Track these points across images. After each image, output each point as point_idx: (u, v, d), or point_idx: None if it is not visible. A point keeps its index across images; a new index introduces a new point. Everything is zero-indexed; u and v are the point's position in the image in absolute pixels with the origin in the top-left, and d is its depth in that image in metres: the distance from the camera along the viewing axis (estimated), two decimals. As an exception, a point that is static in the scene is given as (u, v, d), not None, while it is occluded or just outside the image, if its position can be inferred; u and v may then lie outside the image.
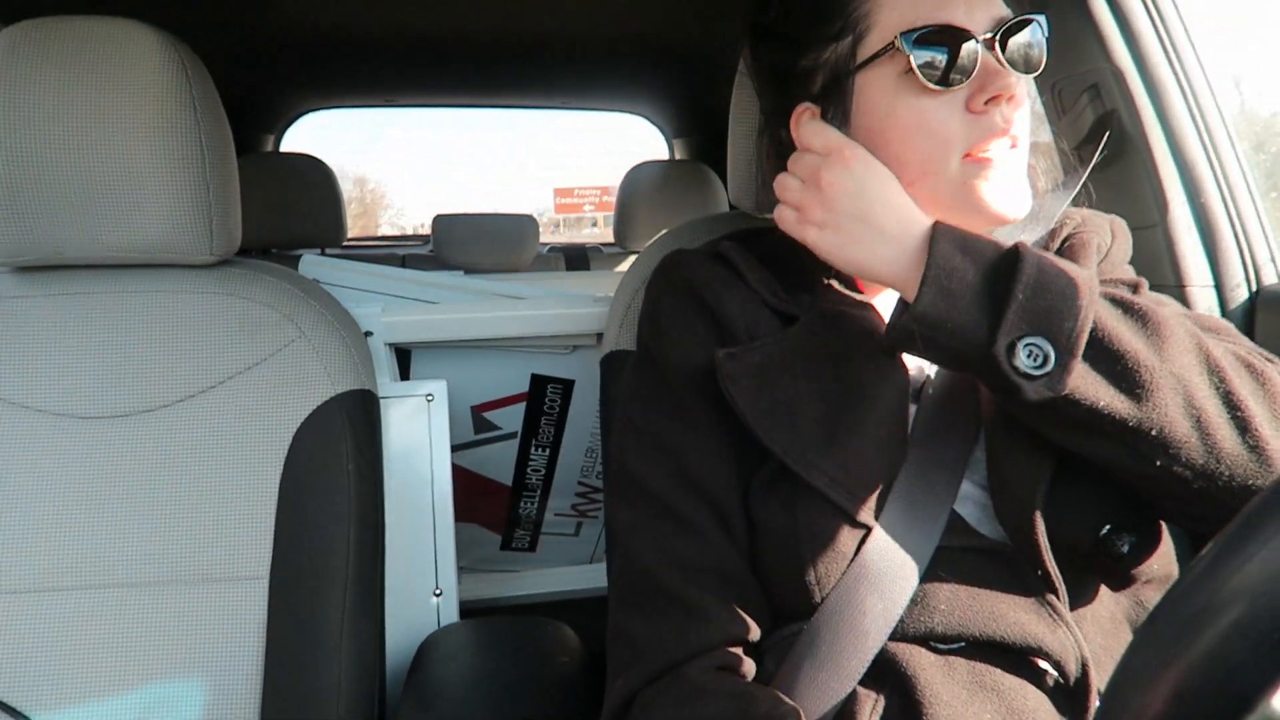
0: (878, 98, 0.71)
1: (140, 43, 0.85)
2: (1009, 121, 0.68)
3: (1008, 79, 0.67)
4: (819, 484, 0.66)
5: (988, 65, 0.68)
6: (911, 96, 0.69)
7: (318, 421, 0.90)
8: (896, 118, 0.70)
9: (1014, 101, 0.68)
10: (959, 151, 0.69)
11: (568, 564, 1.61)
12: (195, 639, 0.87)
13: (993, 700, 0.63)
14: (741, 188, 0.93)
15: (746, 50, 0.85)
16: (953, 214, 0.72)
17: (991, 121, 0.68)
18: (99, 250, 0.87)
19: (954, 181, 0.70)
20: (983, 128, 0.68)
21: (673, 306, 0.77)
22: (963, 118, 0.69)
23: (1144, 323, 0.62)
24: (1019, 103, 0.69)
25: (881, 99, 0.71)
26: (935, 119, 0.69)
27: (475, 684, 0.95)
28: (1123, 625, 0.70)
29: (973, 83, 0.68)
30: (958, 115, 0.69)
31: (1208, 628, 0.30)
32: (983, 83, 0.68)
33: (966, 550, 0.67)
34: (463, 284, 1.38)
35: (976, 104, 0.68)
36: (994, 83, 0.67)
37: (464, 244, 2.40)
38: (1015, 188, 0.70)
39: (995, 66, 0.68)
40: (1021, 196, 0.71)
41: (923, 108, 0.69)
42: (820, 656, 0.65)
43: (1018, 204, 0.71)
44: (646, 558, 0.70)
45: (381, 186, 11.75)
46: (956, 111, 0.69)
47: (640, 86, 2.58)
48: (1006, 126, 0.68)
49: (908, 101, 0.69)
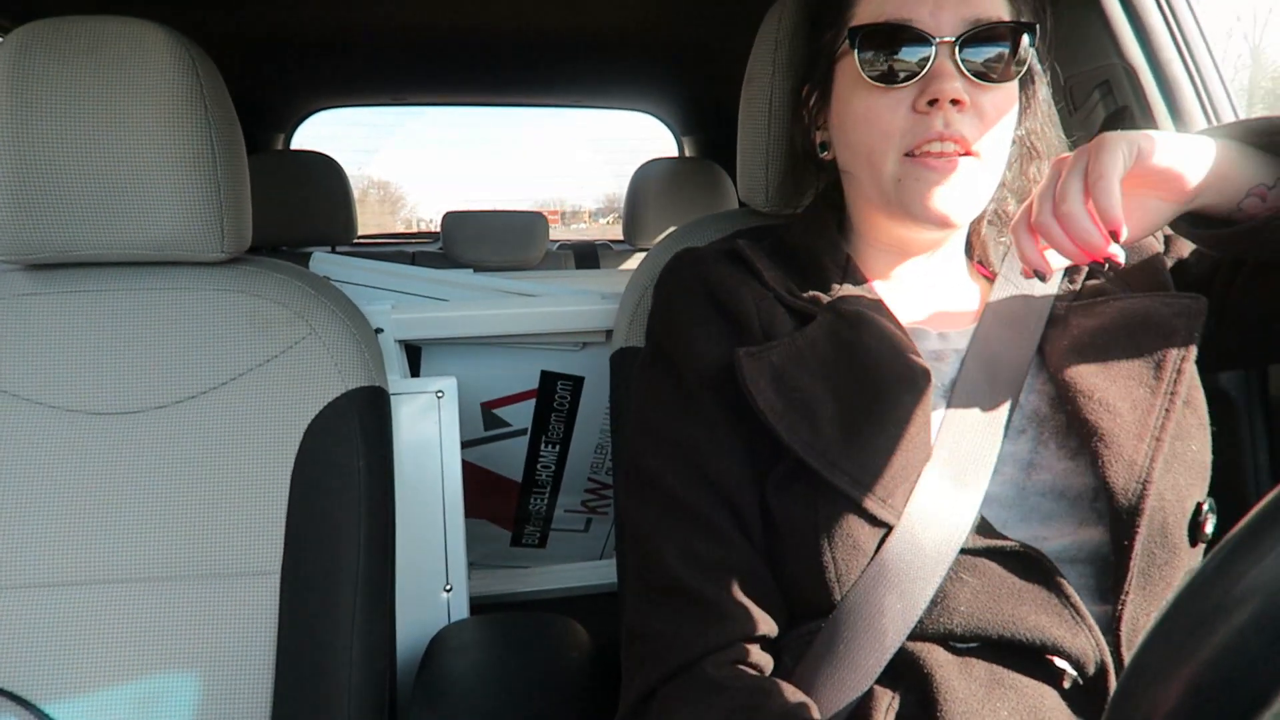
0: (844, 85, 0.75)
1: (151, 42, 0.85)
2: (950, 124, 0.68)
3: (952, 83, 0.68)
4: (840, 483, 0.65)
5: (938, 69, 0.68)
6: (865, 89, 0.72)
7: (329, 418, 0.91)
8: (852, 106, 0.73)
9: (962, 105, 0.68)
10: (899, 148, 0.70)
11: (578, 560, 1.61)
12: (207, 634, 0.87)
13: (1010, 699, 0.63)
14: (751, 185, 0.93)
15: (782, 38, 0.88)
16: (890, 209, 0.74)
17: (930, 123, 0.69)
18: (110, 248, 0.88)
19: (890, 178, 0.71)
20: (924, 128, 0.69)
21: (687, 305, 0.76)
22: (907, 116, 0.70)
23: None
24: (974, 107, 0.69)
25: (846, 86, 0.74)
26: (881, 113, 0.71)
27: (485, 679, 0.95)
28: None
29: (918, 84, 0.69)
30: (902, 113, 0.70)
31: (1223, 623, 0.29)
32: (926, 84, 0.69)
33: (991, 552, 0.66)
34: (472, 281, 1.38)
35: (920, 104, 0.69)
36: (935, 85, 0.68)
37: (474, 241, 2.41)
38: (954, 194, 0.70)
39: (945, 70, 0.68)
40: (961, 204, 0.71)
41: (873, 101, 0.71)
42: (838, 655, 0.64)
43: (955, 210, 0.71)
44: (663, 556, 0.69)
45: (398, 183, 11.74)
46: (901, 109, 0.70)
47: (649, 84, 2.57)
48: (946, 130, 0.68)
49: (861, 94, 0.72)
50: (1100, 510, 0.69)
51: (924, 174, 0.69)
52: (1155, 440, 0.67)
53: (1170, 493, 0.66)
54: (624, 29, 1.98)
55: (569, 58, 2.21)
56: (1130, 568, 0.65)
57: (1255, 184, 0.67)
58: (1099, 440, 0.67)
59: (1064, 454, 0.70)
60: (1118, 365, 0.70)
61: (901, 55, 0.69)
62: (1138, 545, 0.65)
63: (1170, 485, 0.66)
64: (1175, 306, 0.71)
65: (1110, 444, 0.66)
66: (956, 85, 0.68)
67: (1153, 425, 0.67)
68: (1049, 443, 0.71)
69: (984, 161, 0.71)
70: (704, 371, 0.73)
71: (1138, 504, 0.65)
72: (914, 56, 0.68)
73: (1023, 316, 0.75)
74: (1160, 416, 0.68)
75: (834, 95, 0.77)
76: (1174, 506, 0.66)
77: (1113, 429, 0.67)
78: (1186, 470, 0.68)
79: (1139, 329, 0.71)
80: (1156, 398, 0.68)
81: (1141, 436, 0.67)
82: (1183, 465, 0.68)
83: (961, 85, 0.68)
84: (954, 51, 0.68)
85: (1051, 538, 0.68)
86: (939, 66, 0.68)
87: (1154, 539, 0.65)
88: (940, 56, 0.68)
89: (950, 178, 0.69)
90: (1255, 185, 0.67)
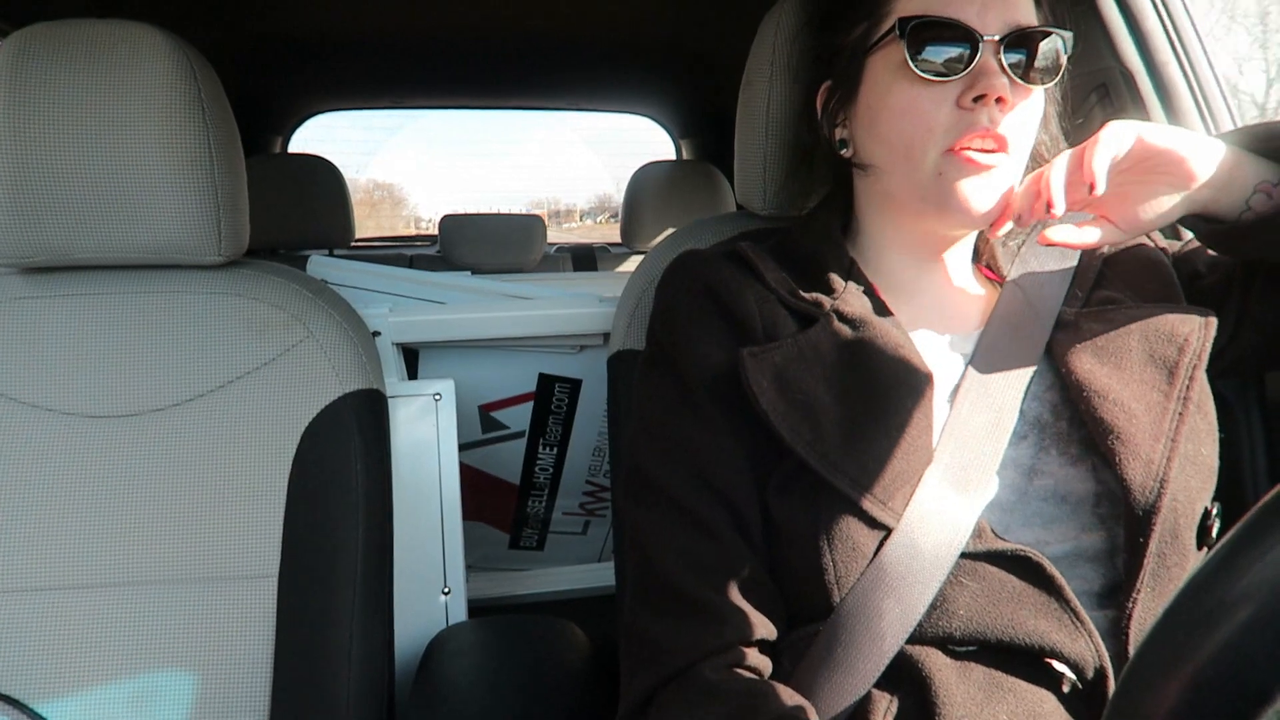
0: (880, 78, 0.74)
1: (149, 46, 0.85)
2: (995, 123, 0.69)
3: (999, 80, 0.68)
4: (841, 484, 0.65)
5: (984, 65, 0.69)
6: (907, 82, 0.71)
7: (326, 421, 0.90)
8: (891, 99, 0.73)
9: (1005, 104, 0.69)
10: (940, 143, 0.70)
11: (575, 562, 1.61)
12: (205, 637, 0.87)
13: (1008, 703, 0.63)
14: (749, 188, 0.93)
15: (780, 41, 0.88)
16: (925, 206, 0.74)
17: (976, 119, 0.69)
18: (108, 251, 0.88)
19: (930, 173, 0.71)
20: (967, 123, 0.69)
21: (689, 306, 0.76)
22: (951, 111, 0.70)
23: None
24: (1012, 107, 0.70)
25: (883, 80, 0.73)
26: (924, 107, 0.71)
27: (483, 682, 0.95)
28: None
29: (965, 79, 0.69)
30: (946, 108, 0.70)
31: (1224, 622, 0.30)
32: (973, 80, 0.69)
33: (991, 556, 0.66)
34: (470, 284, 1.38)
35: (965, 100, 0.69)
36: (984, 81, 0.68)
37: (471, 244, 2.41)
38: (991, 193, 0.71)
39: (991, 67, 0.69)
40: (995, 204, 0.71)
41: (916, 94, 0.71)
42: (836, 658, 0.64)
43: (990, 209, 0.71)
44: (663, 560, 0.69)
45: (400, 185, 11.77)
46: (946, 105, 0.70)
47: (648, 87, 2.58)
48: (992, 127, 0.69)
49: (903, 86, 0.72)
50: (1102, 515, 0.69)
51: (967, 170, 0.70)
52: (1171, 442, 0.67)
53: (1183, 495, 0.66)
54: (623, 33, 1.99)
55: (568, 61, 2.22)
56: (1143, 567, 0.65)
57: (1261, 180, 0.69)
58: (1116, 438, 0.67)
59: (1065, 460, 0.70)
60: (1131, 369, 0.71)
61: (951, 48, 0.69)
62: (1152, 545, 0.65)
63: (1183, 487, 0.67)
64: (1187, 316, 0.72)
65: (1127, 443, 0.67)
66: (1004, 82, 0.69)
67: (1167, 428, 0.68)
68: (1050, 449, 0.71)
69: (1016, 162, 0.72)
70: (705, 373, 0.73)
71: (1154, 503, 0.65)
72: (963, 52, 0.69)
73: (1029, 322, 0.75)
74: (1174, 420, 0.68)
75: (864, 90, 0.76)
76: (1185, 509, 0.66)
77: (1129, 429, 0.67)
78: (1198, 474, 0.68)
79: (1151, 335, 0.72)
80: (1170, 401, 0.69)
81: (1157, 438, 0.67)
82: (1194, 468, 0.68)
83: (1006, 84, 0.69)
84: (999, 50, 0.69)
85: (1053, 542, 0.68)
86: (986, 63, 0.69)
87: (1166, 540, 0.66)
88: (986, 54, 0.69)
89: (989, 176, 0.70)
90: (1261, 182, 0.69)
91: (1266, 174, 0.69)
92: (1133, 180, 0.70)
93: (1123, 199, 0.71)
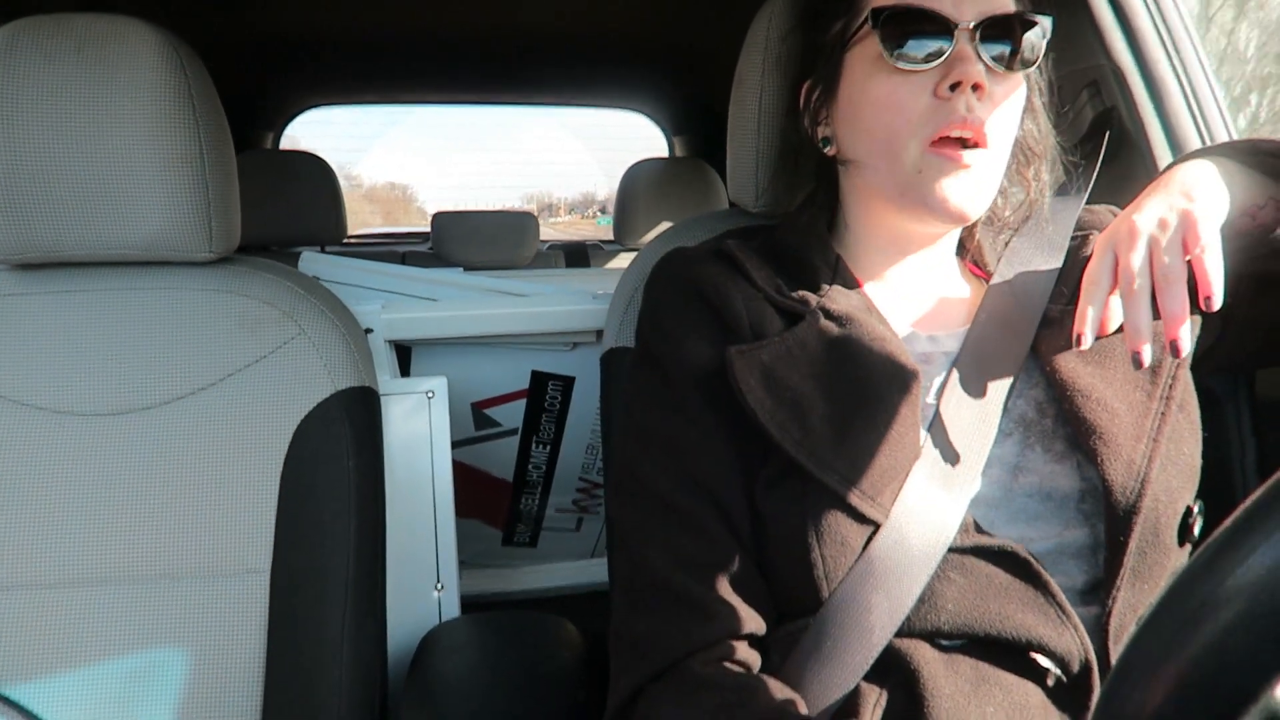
0: (859, 72, 0.74)
1: (138, 40, 0.85)
2: (972, 110, 0.69)
3: (975, 67, 0.68)
4: (830, 482, 0.66)
5: (959, 52, 0.69)
6: (884, 74, 0.72)
7: (318, 418, 0.90)
8: (869, 91, 0.73)
9: (982, 92, 0.69)
10: (920, 134, 0.70)
11: (569, 559, 1.61)
12: (196, 633, 0.87)
13: (995, 696, 0.63)
14: (741, 185, 0.93)
15: (772, 39, 0.88)
16: (906, 203, 0.74)
17: (954, 107, 0.69)
18: (98, 247, 0.87)
19: (910, 169, 0.71)
20: (945, 113, 0.69)
21: (675, 305, 0.76)
22: (929, 102, 0.70)
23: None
24: (991, 96, 0.70)
25: (861, 73, 0.74)
26: (901, 98, 0.71)
27: (477, 678, 0.95)
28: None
29: (940, 68, 0.70)
30: (924, 98, 0.70)
31: (1209, 621, 0.30)
32: (949, 68, 0.69)
33: (978, 551, 0.66)
34: (463, 281, 1.38)
35: (942, 89, 0.69)
36: (959, 68, 0.68)
37: (464, 241, 2.40)
38: (970, 189, 0.71)
39: (966, 54, 0.69)
40: (976, 200, 0.72)
41: (893, 86, 0.71)
42: (825, 652, 0.65)
43: (970, 205, 0.72)
44: (651, 557, 0.70)
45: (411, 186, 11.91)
46: (923, 95, 0.70)
47: (640, 84, 2.57)
48: (969, 116, 0.69)
49: (880, 79, 0.72)
50: (1086, 512, 0.69)
51: (946, 167, 0.70)
52: (1152, 442, 0.68)
53: (1164, 494, 0.67)
54: (616, 30, 1.98)
55: (560, 58, 2.21)
56: (1123, 565, 0.65)
57: (1248, 204, 0.70)
58: (1098, 438, 0.68)
59: (1050, 457, 0.71)
60: (1115, 368, 0.71)
61: (925, 38, 0.69)
62: (1132, 543, 0.65)
63: (1164, 487, 0.67)
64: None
65: (1109, 442, 0.67)
66: (980, 69, 0.69)
67: (1149, 428, 0.69)
68: (1035, 446, 0.71)
69: (995, 156, 0.72)
70: (693, 371, 0.73)
71: (1135, 502, 0.66)
72: (937, 41, 0.69)
73: (1016, 319, 0.76)
74: (1156, 419, 0.69)
75: (844, 85, 0.76)
76: (1166, 508, 0.67)
77: (1111, 428, 0.68)
78: (1179, 473, 0.69)
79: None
80: (1152, 401, 0.70)
81: (1139, 438, 0.68)
82: (1176, 468, 0.69)
83: (982, 70, 0.69)
84: (974, 38, 0.69)
85: (1037, 538, 0.69)
86: (961, 51, 0.69)
87: (1147, 538, 0.66)
88: (961, 42, 0.69)
89: (968, 172, 0.70)
90: (1249, 205, 0.70)
91: (1255, 195, 0.70)
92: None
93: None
